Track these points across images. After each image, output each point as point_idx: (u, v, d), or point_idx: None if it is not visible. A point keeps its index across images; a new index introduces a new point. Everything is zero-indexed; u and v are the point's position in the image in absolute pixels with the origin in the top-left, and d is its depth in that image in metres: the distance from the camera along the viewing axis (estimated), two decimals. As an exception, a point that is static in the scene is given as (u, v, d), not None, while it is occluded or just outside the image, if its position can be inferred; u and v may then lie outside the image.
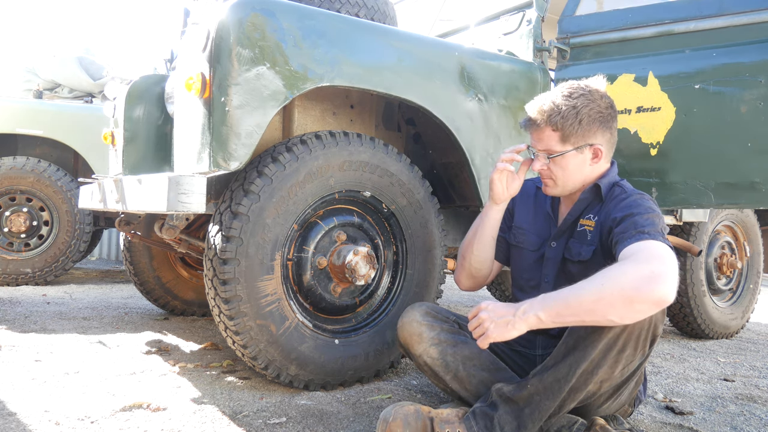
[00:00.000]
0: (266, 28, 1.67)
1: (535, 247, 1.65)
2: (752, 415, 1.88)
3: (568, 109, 1.47)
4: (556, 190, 1.56)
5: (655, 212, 1.38)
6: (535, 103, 1.54)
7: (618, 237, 1.34)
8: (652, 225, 1.32)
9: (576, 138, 1.49)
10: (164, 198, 1.61)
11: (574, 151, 1.50)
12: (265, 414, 1.62)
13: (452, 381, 1.52)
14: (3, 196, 4.08)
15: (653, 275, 1.16)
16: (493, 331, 1.28)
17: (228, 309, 1.69)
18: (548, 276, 1.60)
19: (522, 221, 1.71)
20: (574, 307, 1.21)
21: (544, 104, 1.50)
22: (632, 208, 1.39)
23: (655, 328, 1.33)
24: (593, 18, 2.40)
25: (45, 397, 1.69)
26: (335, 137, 1.85)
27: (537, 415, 1.33)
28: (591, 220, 1.53)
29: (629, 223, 1.34)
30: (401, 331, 1.58)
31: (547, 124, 1.49)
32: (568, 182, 1.54)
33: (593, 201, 1.55)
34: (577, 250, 1.53)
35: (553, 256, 1.60)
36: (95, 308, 3.31)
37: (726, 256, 3.49)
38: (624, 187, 1.52)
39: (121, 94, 2.50)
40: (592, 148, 1.52)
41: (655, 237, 1.27)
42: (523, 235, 1.69)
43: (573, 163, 1.51)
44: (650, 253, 1.22)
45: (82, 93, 5.24)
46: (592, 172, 1.55)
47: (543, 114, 1.49)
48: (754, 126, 2.05)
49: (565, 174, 1.52)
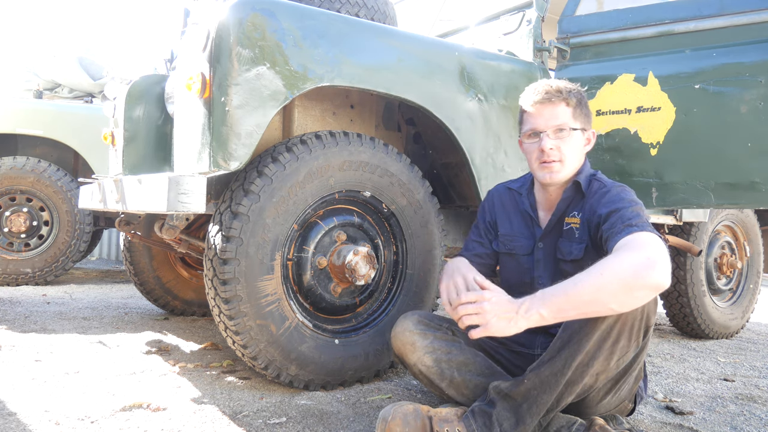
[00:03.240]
0: (266, 28, 1.67)
1: (528, 250, 1.65)
2: (752, 415, 1.88)
3: (576, 91, 1.56)
4: (561, 173, 1.55)
5: (638, 204, 1.43)
6: (543, 83, 1.58)
7: (608, 233, 1.37)
8: (638, 217, 1.36)
9: (582, 119, 1.56)
10: (164, 198, 1.61)
11: (580, 130, 1.55)
12: (265, 414, 1.62)
13: (448, 388, 1.52)
14: (3, 196, 4.08)
15: (649, 261, 1.21)
16: (495, 324, 1.29)
17: (228, 309, 1.69)
18: (542, 278, 1.61)
19: (506, 229, 1.71)
20: (575, 300, 1.23)
21: (554, 83, 1.57)
22: (616, 202, 1.43)
23: (648, 319, 1.35)
24: (593, 18, 2.40)
25: (45, 397, 1.69)
26: (335, 137, 1.85)
27: (535, 410, 1.33)
28: (576, 217, 1.55)
29: (616, 218, 1.38)
30: (395, 341, 1.58)
31: (562, 99, 1.53)
32: (573, 163, 1.56)
33: (575, 198, 1.57)
34: (568, 249, 1.54)
35: (543, 257, 1.61)
36: (95, 308, 3.31)
37: (726, 256, 3.49)
38: (602, 181, 1.55)
39: (121, 94, 2.50)
40: (586, 133, 1.59)
41: (644, 228, 1.32)
42: (512, 241, 1.69)
43: (577, 143, 1.56)
44: (642, 242, 1.27)
45: (82, 93, 5.24)
46: (581, 160, 1.59)
47: (559, 90, 1.54)
48: (755, 126, 2.05)
49: (573, 153, 1.55)
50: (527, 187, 1.70)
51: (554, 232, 1.60)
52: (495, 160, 2.19)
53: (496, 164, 2.19)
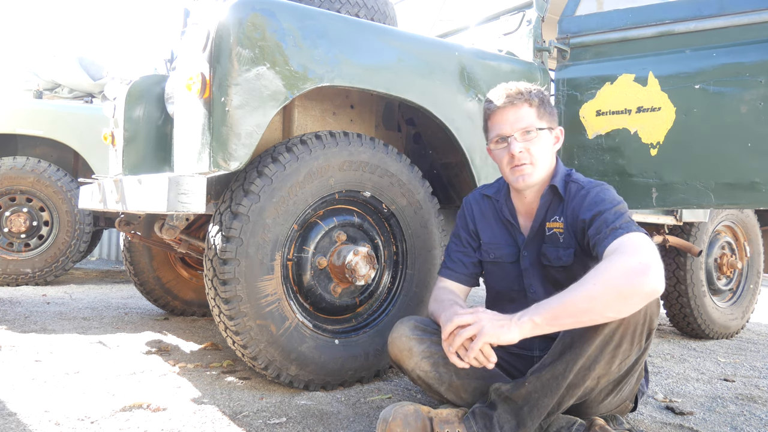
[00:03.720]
0: (266, 28, 1.67)
1: (513, 258, 1.64)
2: (752, 415, 1.88)
3: (537, 90, 1.55)
4: (534, 175, 1.54)
5: (620, 202, 1.42)
6: (503, 87, 1.57)
7: (594, 239, 1.37)
8: (622, 217, 1.36)
9: (547, 118, 1.56)
10: (164, 198, 1.61)
11: (546, 130, 1.55)
12: (265, 414, 1.62)
13: (447, 391, 1.51)
14: (3, 196, 4.08)
15: (642, 267, 1.20)
16: (489, 329, 1.28)
17: (228, 309, 1.69)
18: (533, 286, 1.60)
19: (488, 237, 1.69)
20: (570, 310, 1.22)
21: (513, 85, 1.56)
22: (598, 204, 1.42)
23: (651, 322, 1.34)
24: (593, 18, 2.40)
25: (45, 397, 1.69)
26: (335, 137, 1.85)
27: (536, 413, 1.33)
28: (558, 222, 1.53)
29: (600, 222, 1.37)
30: (391, 348, 1.56)
31: (525, 101, 1.52)
32: (544, 164, 1.55)
33: (553, 201, 1.56)
34: (555, 255, 1.53)
35: (530, 265, 1.60)
36: (95, 308, 3.31)
37: (726, 256, 3.49)
38: (578, 181, 1.54)
39: (121, 94, 2.50)
40: (554, 132, 1.58)
41: (629, 229, 1.31)
42: (497, 250, 1.66)
43: (546, 143, 1.55)
44: (632, 246, 1.26)
45: (82, 93, 5.24)
46: (552, 160, 1.58)
47: (519, 92, 1.53)
48: (754, 126, 2.05)
49: (542, 154, 1.54)
50: (504, 194, 1.67)
51: (537, 238, 1.59)
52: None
53: (495, 164, 2.19)
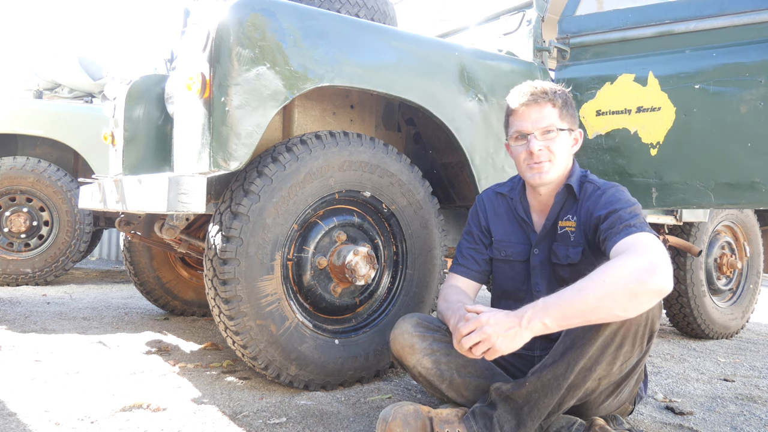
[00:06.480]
0: (266, 28, 1.67)
1: (524, 256, 1.64)
2: (752, 415, 1.88)
3: (561, 91, 1.57)
4: (551, 173, 1.54)
5: (635, 203, 1.44)
6: (528, 85, 1.58)
7: (606, 234, 1.38)
8: (636, 217, 1.37)
9: (568, 119, 1.57)
10: (164, 198, 1.61)
11: (567, 131, 1.56)
12: (265, 414, 1.62)
13: (448, 389, 1.51)
14: (3, 196, 4.08)
15: (652, 266, 1.20)
16: (501, 344, 1.26)
17: (228, 309, 1.69)
18: (539, 285, 1.60)
19: (501, 234, 1.69)
20: (580, 308, 1.21)
21: (539, 84, 1.58)
22: (614, 203, 1.44)
23: (653, 324, 1.34)
24: (593, 18, 2.40)
25: (45, 397, 1.69)
26: (335, 137, 1.85)
27: (536, 413, 1.33)
28: (571, 221, 1.54)
29: (614, 218, 1.39)
30: (393, 344, 1.57)
31: (548, 100, 1.54)
32: (562, 164, 1.56)
33: (567, 201, 1.57)
34: (564, 253, 1.54)
35: (539, 263, 1.60)
36: (95, 308, 3.31)
37: (726, 256, 3.49)
38: (594, 182, 1.56)
39: (121, 94, 2.50)
40: (573, 133, 1.59)
41: (642, 229, 1.33)
42: (509, 247, 1.67)
43: (565, 144, 1.56)
44: (644, 246, 1.27)
45: (82, 93, 5.24)
46: (569, 161, 1.59)
47: (544, 92, 1.54)
48: (754, 126, 2.05)
49: (561, 153, 1.55)
50: (518, 192, 1.68)
51: (549, 236, 1.59)
52: (495, 160, 2.19)
53: (496, 164, 2.19)
